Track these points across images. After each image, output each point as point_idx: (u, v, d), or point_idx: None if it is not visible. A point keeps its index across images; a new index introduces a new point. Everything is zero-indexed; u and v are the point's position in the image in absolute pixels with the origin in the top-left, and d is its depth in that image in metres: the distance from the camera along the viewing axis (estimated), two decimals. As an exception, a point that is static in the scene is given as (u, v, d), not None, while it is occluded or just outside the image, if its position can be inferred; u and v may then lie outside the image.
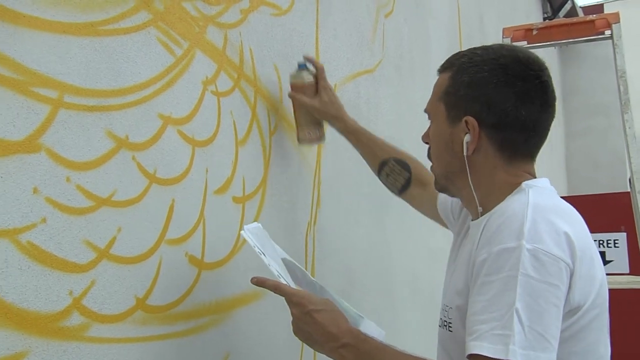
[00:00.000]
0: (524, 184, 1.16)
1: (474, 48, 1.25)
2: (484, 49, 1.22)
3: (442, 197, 1.52)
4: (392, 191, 1.69)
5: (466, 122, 1.18)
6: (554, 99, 1.20)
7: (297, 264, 1.37)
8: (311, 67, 1.69)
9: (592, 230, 1.17)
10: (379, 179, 1.70)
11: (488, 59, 1.19)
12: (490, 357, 0.98)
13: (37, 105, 1.00)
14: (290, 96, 1.68)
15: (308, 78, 1.66)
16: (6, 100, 0.95)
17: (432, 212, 1.59)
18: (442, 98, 1.23)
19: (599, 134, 8.82)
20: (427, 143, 1.31)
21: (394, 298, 2.44)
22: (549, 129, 1.22)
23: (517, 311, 0.98)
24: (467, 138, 1.18)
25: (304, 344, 1.68)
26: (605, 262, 3.99)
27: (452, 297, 1.17)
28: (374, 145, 1.70)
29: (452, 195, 1.32)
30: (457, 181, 1.23)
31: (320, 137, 1.71)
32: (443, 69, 1.26)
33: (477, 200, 1.19)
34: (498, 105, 1.16)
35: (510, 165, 1.18)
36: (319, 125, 1.70)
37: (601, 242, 4.14)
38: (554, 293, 1.00)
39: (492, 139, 1.17)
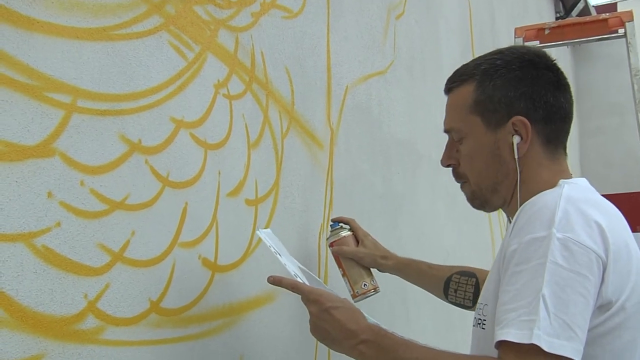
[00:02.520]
0: (561, 180, 1.15)
1: (485, 55, 1.25)
2: (499, 52, 1.23)
3: None
4: (466, 305, 1.61)
5: (513, 123, 1.17)
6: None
7: (311, 273, 1.37)
8: (343, 224, 1.67)
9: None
10: (448, 300, 1.64)
11: (513, 58, 1.20)
12: (516, 343, 0.96)
13: (50, 110, 1.01)
14: (334, 252, 1.63)
15: (345, 232, 1.65)
16: (20, 105, 0.96)
17: None
18: (474, 109, 1.21)
19: (612, 133, 8.75)
20: (450, 165, 1.29)
21: (408, 301, 2.43)
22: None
23: (543, 297, 0.97)
24: (516, 140, 1.17)
25: (318, 346, 1.68)
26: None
27: (487, 294, 1.15)
28: (432, 270, 1.66)
29: (493, 209, 1.27)
30: (503, 189, 1.21)
31: (377, 286, 1.65)
32: (460, 82, 1.24)
33: (519, 203, 1.16)
34: (541, 98, 1.17)
35: (553, 162, 1.19)
36: (372, 275, 1.66)
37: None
38: (582, 283, 0.98)
39: (540, 134, 1.18)
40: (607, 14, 2.50)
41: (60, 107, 1.03)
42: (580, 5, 7.41)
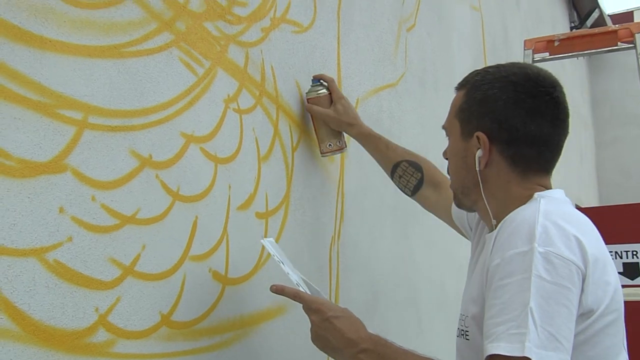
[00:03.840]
0: (536, 194, 1.18)
1: (489, 66, 1.29)
2: (497, 67, 1.27)
3: (455, 212, 1.56)
4: (405, 192, 1.73)
5: (477, 137, 1.22)
6: (566, 115, 1.23)
7: (311, 283, 1.38)
8: (323, 81, 1.74)
9: (623, 240, 1.18)
10: (392, 181, 1.75)
11: (500, 76, 1.23)
12: (507, 356, 0.99)
13: (62, 126, 1.03)
14: (307, 109, 1.73)
15: (322, 91, 1.72)
16: (33, 122, 0.98)
17: (446, 216, 1.62)
18: (457, 115, 1.28)
19: (629, 143, 8.68)
20: (446, 159, 1.35)
21: (420, 311, 2.43)
22: (562, 145, 1.24)
23: (531, 310, 0.99)
24: (479, 153, 1.22)
25: (330, 359, 1.69)
26: None
27: (467, 305, 1.19)
28: (387, 150, 1.75)
29: (469, 210, 1.35)
30: (472, 195, 1.27)
31: (342, 147, 1.76)
32: (460, 87, 1.31)
33: (490, 213, 1.23)
34: (508, 121, 1.20)
35: (524, 180, 1.21)
36: (339, 136, 1.76)
37: (634, 252, 4.06)
38: (565, 295, 1.01)
39: (504, 154, 1.21)
40: (617, 26, 2.49)
41: (72, 123, 1.05)
42: (595, 15, 7.38)
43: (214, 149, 1.37)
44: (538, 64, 1.80)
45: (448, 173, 1.34)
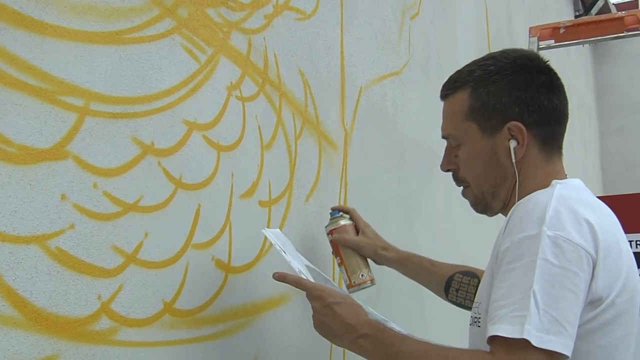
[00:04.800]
0: (554, 181, 1.17)
1: (478, 61, 1.27)
2: (492, 57, 1.25)
3: None
4: (466, 305, 1.59)
5: (509, 128, 1.19)
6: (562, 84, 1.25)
7: (321, 272, 1.38)
8: (343, 213, 1.64)
9: (629, 230, 1.16)
10: (449, 299, 1.63)
11: (505, 63, 1.22)
12: (507, 338, 0.98)
13: (64, 113, 1.02)
14: (334, 239, 1.60)
15: (344, 221, 1.61)
16: (34, 108, 0.97)
17: None
18: (469, 116, 1.23)
19: (634, 132, 8.64)
20: (450, 170, 1.31)
21: (424, 300, 2.42)
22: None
23: (534, 293, 0.99)
24: (512, 144, 1.19)
25: (333, 347, 1.69)
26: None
27: (481, 292, 1.17)
28: (434, 267, 1.65)
29: (493, 213, 1.29)
30: (502, 193, 1.23)
31: (373, 278, 1.61)
32: (454, 90, 1.27)
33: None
34: (535, 102, 1.19)
35: (548, 163, 1.21)
36: (368, 266, 1.61)
37: (638, 242, 4.05)
38: (571, 279, 1.00)
39: (537, 137, 1.20)
40: (624, 12, 2.46)
41: (74, 110, 1.04)
42: (600, 3, 7.32)
43: (216, 137, 1.36)
44: (543, 52, 1.79)
45: (458, 182, 1.30)
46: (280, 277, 1.24)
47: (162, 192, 1.21)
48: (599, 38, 2.51)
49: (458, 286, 1.60)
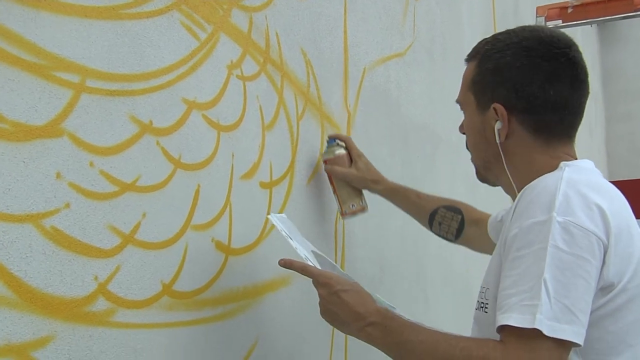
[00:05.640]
0: (562, 163, 1.14)
1: (498, 33, 1.25)
2: (507, 33, 1.22)
3: (491, 224, 1.52)
4: (449, 239, 1.66)
5: (494, 109, 1.18)
6: (585, 74, 1.18)
7: (327, 257, 1.36)
8: (339, 141, 1.68)
9: (637, 215, 1.14)
10: (432, 230, 1.68)
11: (510, 43, 1.19)
12: (518, 327, 0.97)
13: (59, 89, 0.99)
14: (327, 170, 1.66)
15: (339, 150, 1.65)
16: (28, 84, 0.95)
17: (491, 246, 1.53)
18: (471, 87, 1.24)
19: (640, 118, 8.57)
20: (463, 133, 1.31)
21: (427, 286, 2.41)
22: (584, 106, 1.20)
23: (545, 282, 0.97)
24: (497, 125, 1.18)
25: (335, 330, 1.67)
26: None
27: (488, 278, 1.16)
28: (420, 200, 1.69)
29: (493, 185, 1.31)
30: (495, 169, 1.23)
31: (364, 207, 1.70)
32: (470, 58, 1.27)
33: (514, 186, 1.19)
34: (525, 89, 1.16)
35: (549, 147, 1.17)
36: (361, 195, 1.70)
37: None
38: (583, 266, 0.98)
39: (525, 123, 1.17)
40: (634, -9, 2.42)
41: (69, 86, 1.01)
42: (608, -13, 7.22)
43: (216, 116, 1.34)
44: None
45: (467, 148, 1.31)
46: (286, 264, 1.22)
47: (160, 172, 1.19)
48: (607, 18, 2.46)
49: (441, 220, 1.65)
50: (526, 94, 1.16)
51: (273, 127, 1.52)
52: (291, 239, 1.25)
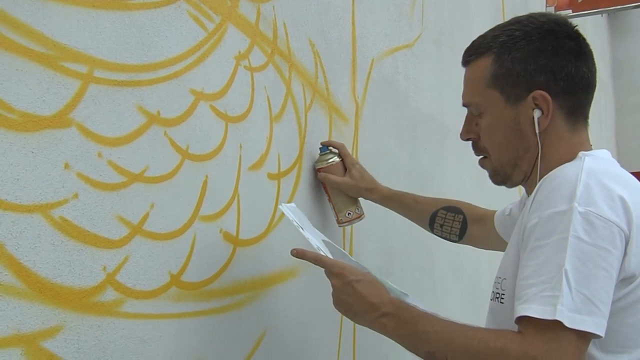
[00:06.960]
0: (580, 153, 1.13)
1: (503, 25, 1.21)
2: (517, 22, 1.19)
3: (499, 219, 1.50)
4: (452, 240, 1.63)
5: (533, 97, 1.15)
6: (590, 51, 1.20)
7: (337, 246, 1.35)
8: (332, 148, 1.65)
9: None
10: (434, 233, 1.65)
11: (532, 28, 1.16)
12: (538, 318, 0.96)
13: (67, 80, 0.99)
14: (320, 178, 1.62)
15: (333, 159, 1.62)
16: (36, 74, 0.95)
17: (498, 242, 1.53)
18: (492, 84, 1.18)
19: (652, 110, 8.50)
20: (470, 139, 1.26)
21: (435, 278, 2.40)
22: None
23: (565, 272, 0.95)
24: (537, 114, 1.15)
25: (343, 321, 1.67)
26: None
27: (505, 268, 1.14)
28: (417, 204, 1.66)
29: (513, 185, 1.25)
30: (524, 164, 1.19)
31: (361, 214, 1.68)
32: (477, 56, 1.22)
33: (538, 177, 1.15)
34: (562, 69, 1.14)
35: (573, 134, 1.16)
36: (356, 203, 1.67)
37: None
38: (604, 257, 0.97)
39: (562, 106, 1.15)
40: (645, -20, 2.39)
41: (77, 77, 1.01)
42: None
43: (224, 107, 1.33)
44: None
45: (478, 151, 1.26)
46: (299, 254, 1.21)
47: (168, 163, 1.19)
48: (618, 7, 2.43)
49: (442, 222, 1.62)
50: (564, 75, 1.14)
51: (281, 118, 1.52)
52: (302, 229, 1.25)
